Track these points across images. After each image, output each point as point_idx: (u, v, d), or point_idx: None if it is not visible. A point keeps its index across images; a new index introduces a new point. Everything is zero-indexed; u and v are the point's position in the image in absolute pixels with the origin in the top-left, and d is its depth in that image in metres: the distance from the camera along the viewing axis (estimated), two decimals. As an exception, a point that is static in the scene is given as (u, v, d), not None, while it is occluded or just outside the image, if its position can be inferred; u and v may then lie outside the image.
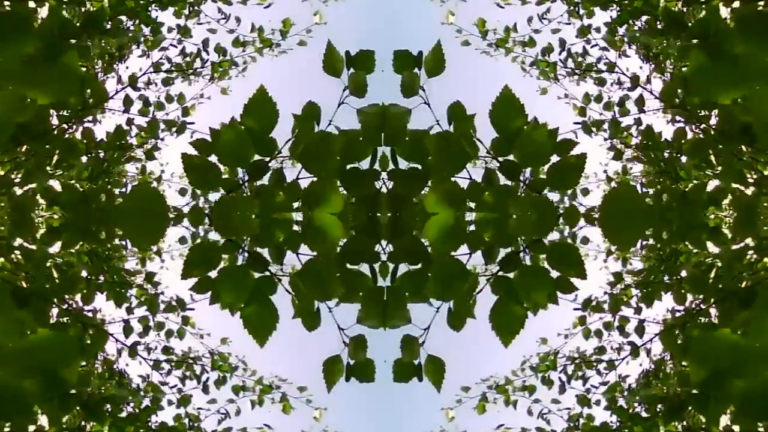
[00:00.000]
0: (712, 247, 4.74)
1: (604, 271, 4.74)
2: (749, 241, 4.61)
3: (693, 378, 3.97)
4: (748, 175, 4.51)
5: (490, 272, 4.54)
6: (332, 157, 4.49)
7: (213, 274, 4.58)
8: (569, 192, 4.72)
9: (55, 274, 4.47)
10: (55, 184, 4.58)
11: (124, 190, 4.63)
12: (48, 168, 4.50)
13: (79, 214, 4.67)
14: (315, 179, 4.58)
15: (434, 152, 4.53)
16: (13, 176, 4.47)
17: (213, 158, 4.63)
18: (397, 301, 4.37)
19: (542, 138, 4.58)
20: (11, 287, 4.33)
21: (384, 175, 4.60)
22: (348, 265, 4.59)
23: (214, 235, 4.72)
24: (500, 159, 4.54)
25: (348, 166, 4.59)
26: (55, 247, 4.62)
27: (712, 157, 4.54)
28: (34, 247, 4.55)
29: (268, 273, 4.46)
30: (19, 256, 4.62)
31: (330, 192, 4.58)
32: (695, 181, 4.57)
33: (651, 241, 4.77)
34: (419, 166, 4.57)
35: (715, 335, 4.15)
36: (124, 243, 4.77)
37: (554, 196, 4.72)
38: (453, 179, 4.60)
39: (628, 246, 4.82)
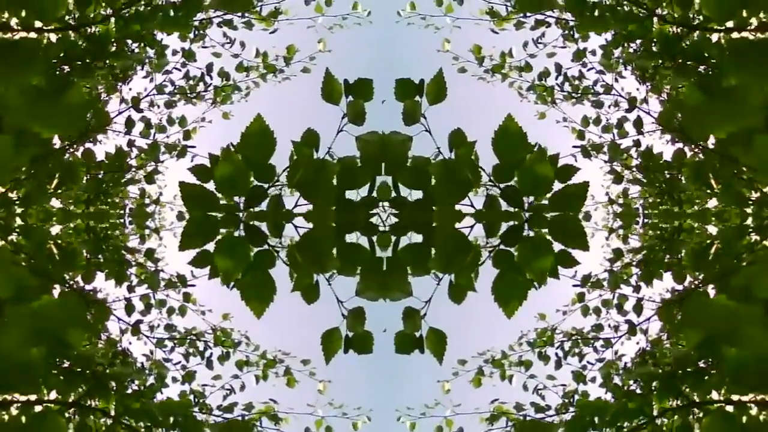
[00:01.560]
0: (712, 229, 4.81)
1: (606, 248, 4.80)
2: (749, 221, 4.69)
3: (687, 344, 4.06)
4: (749, 194, 4.59)
5: (491, 245, 4.61)
6: (329, 185, 4.51)
7: (211, 249, 4.63)
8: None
9: (55, 251, 4.51)
10: (56, 203, 4.60)
11: (122, 212, 4.67)
12: (48, 187, 4.52)
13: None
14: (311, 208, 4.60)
15: (436, 180, 4.56)
16: (12, 195, 4.49)
17: (211, 185, 4.66)
18: (397, 273, 4.41)
19: (544, 169, 4.61)
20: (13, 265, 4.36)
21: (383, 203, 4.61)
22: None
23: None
24: (501, 186, 4.58)
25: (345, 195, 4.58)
26: (55, 229, 4.66)
27: (712, 181, 4.61)
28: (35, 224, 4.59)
29: (266, 246, 4.50)
30: (18, 237, 4.64)
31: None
32: (697, 202, 4.64)
33: (653, 220, 4.83)
34: (422, 195, 4.56)
35: (710, 300, 4.21)
36: (122, 221, 4.80)
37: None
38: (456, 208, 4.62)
39: (630, 221, 4.87)
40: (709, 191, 4.57)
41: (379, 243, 4.62)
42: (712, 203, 4.61)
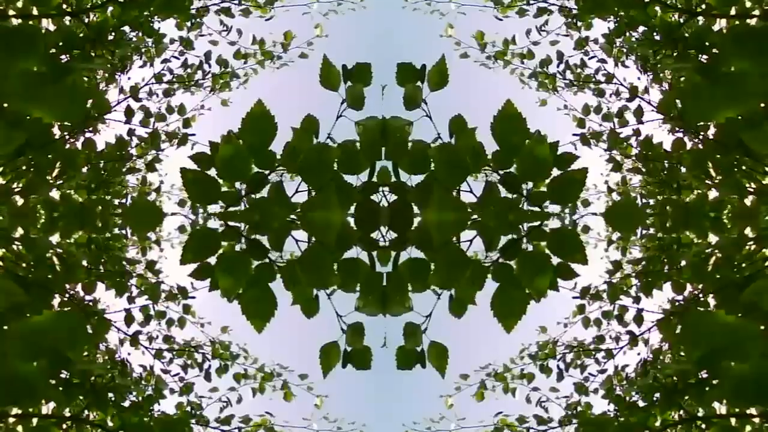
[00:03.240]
0: (712, 238, 4.83)
1: (605, 260, 4.82)
2: (748, 231, 4.71)
3: (687, 358, 4.09)
4: (748, 185, 4.62)
5: (490, 259, 4.64)
6: (330, 169, 4.55)
7: (212, 260, 4.67)
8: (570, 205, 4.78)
9: (56, 262, 4.56)
10: (57, 194, 4.65)
11: (124, 201, 4.72)
12: (49, 178, 4.58)
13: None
14: (313, 193, 4.64)
15: (436, 164, 4.60)
16: (14, 186, 4.55)
17: (212, 171, 4.70)
18: (398, 289, 4.45)
19: (543, 153, 4.65)
20: (13, 275, 4.42)
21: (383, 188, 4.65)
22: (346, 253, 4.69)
23: (213, 223, 4.80)
24: (501, 172, 4.62)
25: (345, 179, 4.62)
26: (56, 237, 4.72)
27: (711, 170, 4.63)
28: (36, 235, 4.65)
29: (267, 260, 4.55)
30: (20, 247, 4.70)
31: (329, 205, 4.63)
32: (696, 191, 4.66)
33: (651, 231, 4.85)
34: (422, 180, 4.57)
35: (711, 315, 4.24)
36: (123, 232, 4.86)
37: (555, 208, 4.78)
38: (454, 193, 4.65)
39: (630, 232, 4.89)
40: (708, 181, 4.61)
41: (379, 258, 4.65)
42: (712, 194, 4.63)
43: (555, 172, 4.76)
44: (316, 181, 4.56)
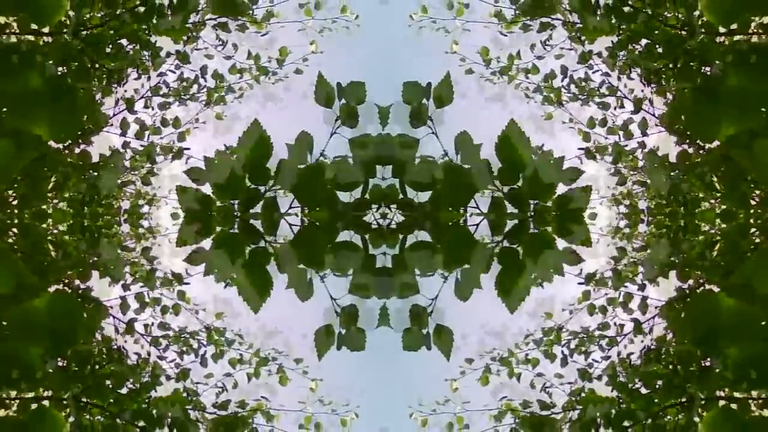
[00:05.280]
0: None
1: (611, 247, 4.97)
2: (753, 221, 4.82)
3: (687, 340, 4.29)
4: (755, 192, 4.74)
5: (496, 243, 4.81)
6: (323, 188, 4.70)
7: (207, 245, 4.86)
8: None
9: (51, 250, 4.73)
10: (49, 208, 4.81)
11: (116, 214, 4.87)
12: (45, 188, 4.71)
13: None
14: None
15: (442, 183, 4.75)
16: (9, 195, 4.69)
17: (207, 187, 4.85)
18: (404, 271, 4.63)
19: (549, 172, 4.78)
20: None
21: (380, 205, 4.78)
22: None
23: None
24: (506, 189, 4.78)
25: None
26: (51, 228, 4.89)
27: (716, 182, 4.76)
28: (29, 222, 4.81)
29: (261, 243, 4.72)
30: (13, 238, 4.88)
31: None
32: (702, 202, 4.79)
33: (658, 218, 4.97)
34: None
35: (713, 298, 4.43)
36: (117, 220, 5.04)
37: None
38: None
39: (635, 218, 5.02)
40: (712, 192, 4.70)
41: (375, 243, 4.78)
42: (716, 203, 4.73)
43: (561, 187, 4.89)
44: (309, 199, 4.72)
